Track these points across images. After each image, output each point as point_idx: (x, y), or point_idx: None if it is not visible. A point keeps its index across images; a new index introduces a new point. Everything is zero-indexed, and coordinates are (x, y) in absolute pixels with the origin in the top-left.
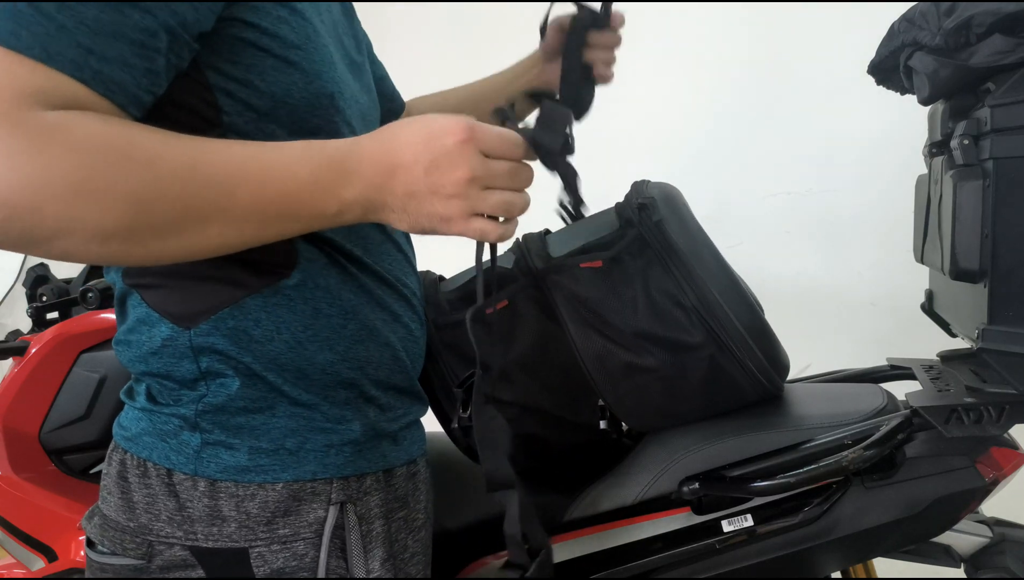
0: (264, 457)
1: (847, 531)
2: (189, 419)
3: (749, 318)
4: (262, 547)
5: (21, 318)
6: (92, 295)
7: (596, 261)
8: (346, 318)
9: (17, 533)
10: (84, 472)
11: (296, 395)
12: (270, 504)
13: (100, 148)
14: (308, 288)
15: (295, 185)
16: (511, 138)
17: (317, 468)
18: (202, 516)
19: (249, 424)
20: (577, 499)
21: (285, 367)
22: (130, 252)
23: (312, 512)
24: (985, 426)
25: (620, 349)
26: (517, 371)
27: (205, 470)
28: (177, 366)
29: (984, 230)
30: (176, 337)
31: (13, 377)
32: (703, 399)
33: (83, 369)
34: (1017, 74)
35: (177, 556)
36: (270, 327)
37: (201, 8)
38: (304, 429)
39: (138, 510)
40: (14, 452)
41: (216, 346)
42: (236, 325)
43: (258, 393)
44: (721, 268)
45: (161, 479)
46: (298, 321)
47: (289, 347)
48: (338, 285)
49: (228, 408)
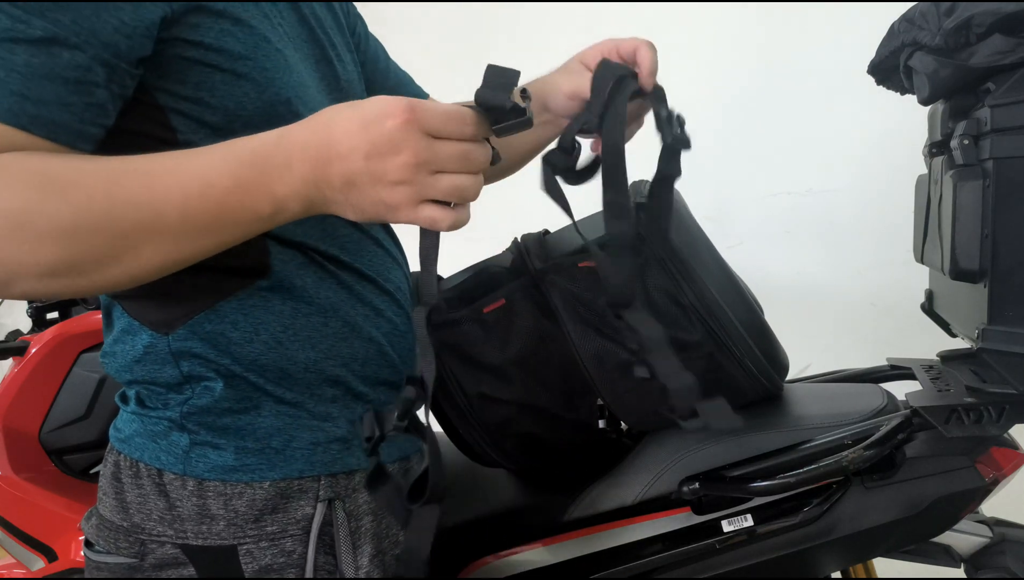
0: (251, 456)
1: (847, 531)
2: (176, 421)
3: (747, 316)
4: (251, 544)
5: (21, 318)
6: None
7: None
8: (326, 316)
9: (17, 533)
10: (84, 472)
11: (280, 394)
12: (258, 502)
13: (24, 186)
14: (285, 289)
15: (218, 193)
16: (458, 114)
17: (304, 466)
18: (192, 515)
19: (235, 424)
20: (577, 499)
21: (267, 367)
22: (78, 284)
23: (300, 509)
24: (985, 426)
25: (619, 348)
26: (514, 370)
27: (194, 470)
28: (160, 372)
29: (984, 230)
30: (156, 343)
31: (13, 377)
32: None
33: (83, 369)
34: (1017, 74)
35: (169, 554)
36: (248, 329)
37: (134, 36)
38: (290, 427)
39: (131, 510)
40: (14, 452)
41: (195, 350)
42: (213, 329)
43: (241, 394)
44: (719, 267)
45: (152, 479)
46: (276, 321)
47: (269, 347)
48: (315, 284)
49: (213, 409)
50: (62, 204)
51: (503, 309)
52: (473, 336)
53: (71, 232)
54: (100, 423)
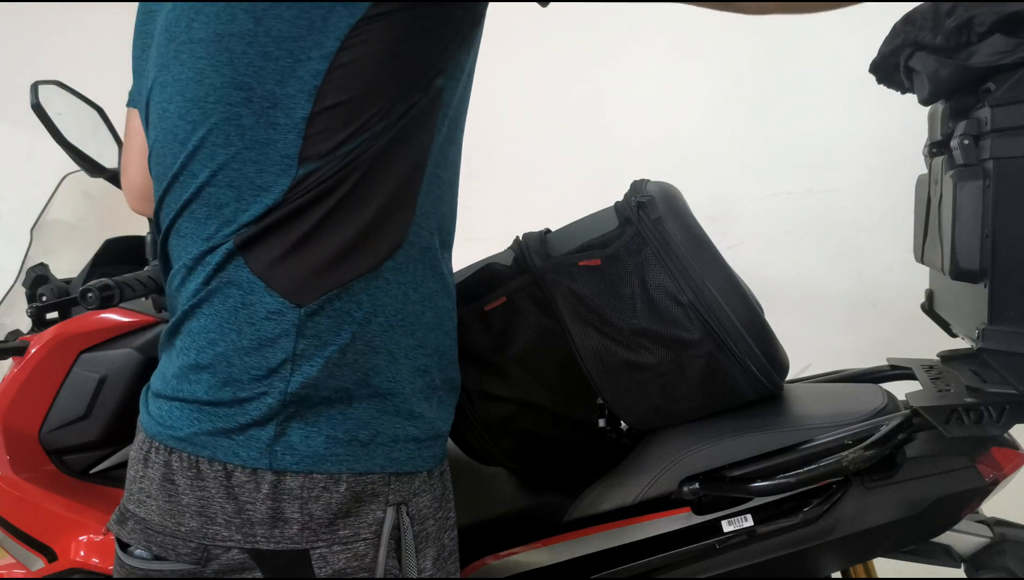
0: (340, 446)
1: (847, 531)
2: (272, 407)
3: (747, 316)
4: (323, 548)
5: (21, 318)
6: (92, 295)
7: (595, 259)
8: (424, 304)
9: (17, 533)
10: (84, 472)
11: (376, 383)
12: (333, 506)
13: None
14: (402, 272)
15: None
16: None
17: (385, 462)
18: (263, 518)
19: (328, 412)
20: (577, 499)
21: (378, 351)
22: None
23: (371, 513)
24: (985, 426)
25: (619, 347)
26: (514, 367)
27: (279, 463)
28: (274, 344)
29: (984, 230)
30: (284, 312)
31: (13, 377)
32: (702, 397)
33: (83, 369)
34: (1017, 74)
35: (235, 559)
36: (369, 310)
37: None
38: (377, 421)
39: (187, 513)
40: (14, 452)
41: (319, 327)
42: (341, 306)
43: (341, 382)
44: (719, 266)
45: (219, 480)
46: (392, 305)
47: (383, 330)
48: (423, 272)
49: (312, 397)
50: None
51: (504, 307)
52: (474, 334)
53: None
54: (100, 423)
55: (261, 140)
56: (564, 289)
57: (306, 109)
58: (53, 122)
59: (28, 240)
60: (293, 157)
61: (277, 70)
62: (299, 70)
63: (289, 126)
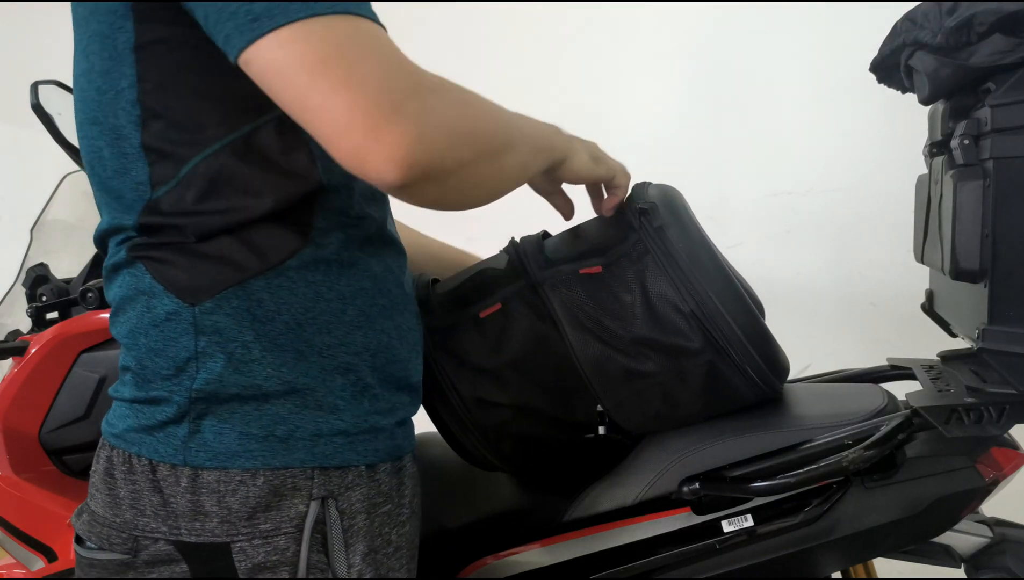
0: (254, 443)
1: (847, 531)
2: (181, 405)
3: (749, 324)
4: (243, 542)
5: (21, 318)
6: (92, 295)
7: (595, 266)
8: (344, 303)
9: (17, 533)
10: (84, 472)
11: (291, 380)
12: (251, 499)
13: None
14: (310, 271)
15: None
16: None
17: (306, 456)
18: (185, 511)
19: (241, 409)
20: (577, 499)
21: (284, 349)
22: (487, 170)
23: (293, 507)
24: (985, 426)
25: (619, 355)
26: (511, 373)
27: (193, 459)
28: (175, 342)
29: (984, 230)
30: (180, 312)
31: (13, 377)
32: (702, 404)
33: (83, 369)
34: (1017, 74)
35: (162, 551)
36: (271, 308)
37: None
38: (295, 417)
39: (123, 506)
40: (14, 452)
41: (218, 325)
42: (240, 305)
43: (250, 379)
44: (721, 273)
45: (146, 474)
46: (299, 303)
47: (288, 328)
48: (338, 271)
49: (220, 394)
50: (481, 111)
51: (499, 313)
52: (469, 340)
53: (500, 129)
54: (100, 423)
55: (119, 169)
56: (564, 296)
57: (137, 136)
58: (53, 122)
59: (28, 240)
60: (145, 183)
61: (108, 103)
62: (120, 100)
63: (134, 155)
